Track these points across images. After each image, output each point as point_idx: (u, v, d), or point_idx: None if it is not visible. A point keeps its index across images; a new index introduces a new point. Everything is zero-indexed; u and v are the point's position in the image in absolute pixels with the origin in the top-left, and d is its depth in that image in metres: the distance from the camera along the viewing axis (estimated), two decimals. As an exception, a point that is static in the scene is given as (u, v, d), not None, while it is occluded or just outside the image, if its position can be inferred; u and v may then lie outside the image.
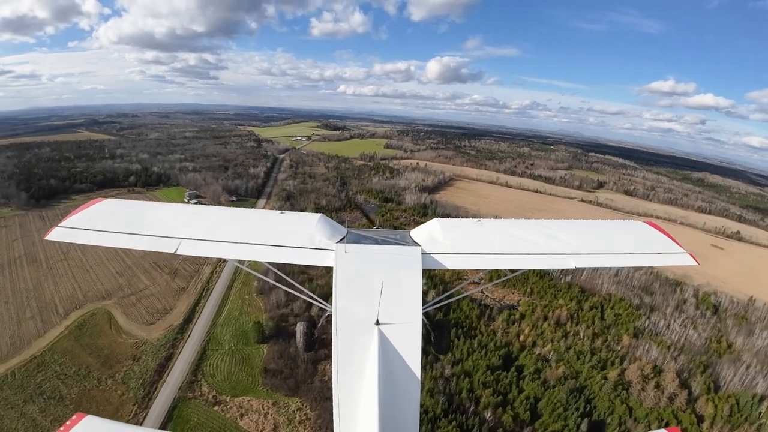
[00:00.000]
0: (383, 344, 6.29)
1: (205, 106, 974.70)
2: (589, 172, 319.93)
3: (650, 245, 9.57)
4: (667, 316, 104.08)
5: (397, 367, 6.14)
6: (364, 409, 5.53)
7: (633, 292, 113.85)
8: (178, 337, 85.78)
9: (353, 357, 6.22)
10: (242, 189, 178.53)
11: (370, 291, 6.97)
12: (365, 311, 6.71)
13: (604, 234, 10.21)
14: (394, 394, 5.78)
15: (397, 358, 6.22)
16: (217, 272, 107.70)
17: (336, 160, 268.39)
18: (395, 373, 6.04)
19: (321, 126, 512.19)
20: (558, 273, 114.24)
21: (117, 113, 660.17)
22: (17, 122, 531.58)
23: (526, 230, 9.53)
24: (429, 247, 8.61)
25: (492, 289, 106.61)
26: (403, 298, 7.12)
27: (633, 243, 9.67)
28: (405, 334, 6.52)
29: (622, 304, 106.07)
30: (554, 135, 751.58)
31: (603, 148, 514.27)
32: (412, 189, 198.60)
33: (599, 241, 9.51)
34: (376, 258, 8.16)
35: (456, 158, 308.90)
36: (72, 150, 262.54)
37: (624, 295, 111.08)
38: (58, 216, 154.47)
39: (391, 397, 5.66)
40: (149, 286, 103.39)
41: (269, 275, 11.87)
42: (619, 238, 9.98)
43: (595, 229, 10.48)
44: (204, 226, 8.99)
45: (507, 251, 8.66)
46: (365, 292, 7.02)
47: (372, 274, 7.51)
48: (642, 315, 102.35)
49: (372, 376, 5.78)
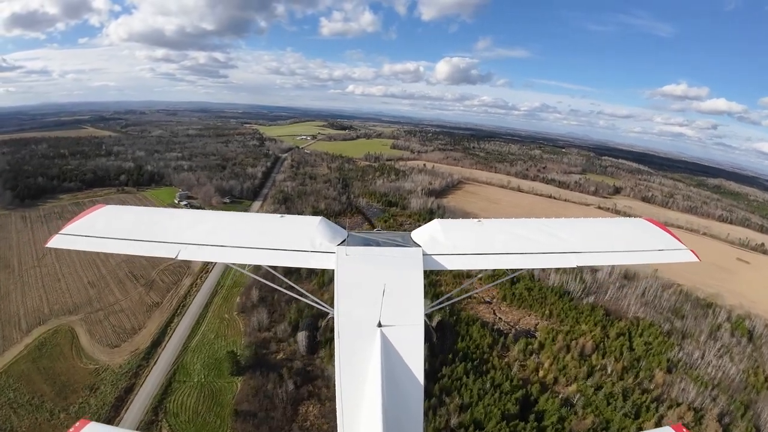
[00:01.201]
0: (386, 346, 6.23)
1: (215, 104, 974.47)
2: (604, 177, 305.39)
3: (652, 242, 9.38)
4: (701, 343, 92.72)
5: (400, 369, 6.07)
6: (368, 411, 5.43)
7: (662, 315, 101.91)
8: (143, 364, 74.83)
9: (356, 359, 6.14)
10: (237, 190, 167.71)
11: (372, 293, 6.87)
12: (367, 313, 6.63)
13: (606, 232, 10.03)
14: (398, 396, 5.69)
15: (399, 360, 6.17)
16: (197, 285, 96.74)
17: (339, 161, 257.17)
18: (398, 375, 5.97)
19: (327, 125, 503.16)
20: (578, 292, 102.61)
21: (125, 110, 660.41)
22: (25, 117, 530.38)
23: (528, 229, 9.35)
24: (430, 248, 8.47)
25: (506, 311, 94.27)
26: (405, 300, 7.01)
27: (635, 240, 9.47)
28: (407, 336, 6.45)
29: (652, 331, 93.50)
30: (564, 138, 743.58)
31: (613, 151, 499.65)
32: (418, 192, 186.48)
33: (601, 239, 9.36)
34: (378, 260, 8.05)
35: (465, 160, 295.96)
36: (69, 146, 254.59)
37: (653, 318, 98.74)
38: (41, 217, 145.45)
39: (395, 399, 5.57)
40: (120, 300, 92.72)
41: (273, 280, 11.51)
42: (621, 235, 9.78)
43: (596, 227, 10.36)
44: (204, 230, 8.80)
45: (508, 251, 8.53)
46: (367, 295, 6.93)
47: (373, 276, 7.40)
48: (674, 344, 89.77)
49: (375, 378, 5.70)
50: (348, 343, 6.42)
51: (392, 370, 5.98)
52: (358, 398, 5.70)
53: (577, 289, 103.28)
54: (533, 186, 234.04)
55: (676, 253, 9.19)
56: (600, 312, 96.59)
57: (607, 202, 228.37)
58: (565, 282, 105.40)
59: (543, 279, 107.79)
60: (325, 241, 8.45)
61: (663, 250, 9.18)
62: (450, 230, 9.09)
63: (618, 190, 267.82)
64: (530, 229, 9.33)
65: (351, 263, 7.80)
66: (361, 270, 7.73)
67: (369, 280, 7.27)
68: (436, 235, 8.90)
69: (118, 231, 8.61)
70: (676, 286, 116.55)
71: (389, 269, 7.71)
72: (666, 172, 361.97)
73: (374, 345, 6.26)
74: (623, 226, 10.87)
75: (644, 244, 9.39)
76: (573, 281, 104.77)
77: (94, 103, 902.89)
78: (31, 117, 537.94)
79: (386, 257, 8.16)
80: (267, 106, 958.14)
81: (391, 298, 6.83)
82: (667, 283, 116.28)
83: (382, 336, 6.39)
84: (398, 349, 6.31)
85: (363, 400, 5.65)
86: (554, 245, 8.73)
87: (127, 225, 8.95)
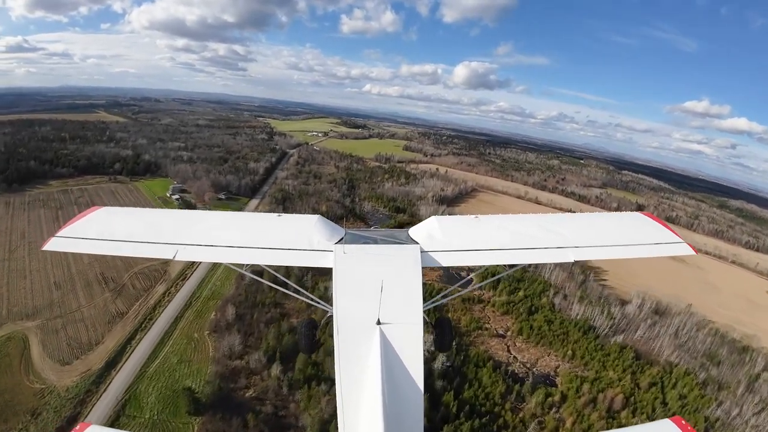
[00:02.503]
0: (385, 344, 6.21)
1: (232, 96, 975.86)
2: (625, 193, 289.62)
3: (649, 236, 9.17)
4: (738, 397, 79.87)
5: (400, 367, 6.05)
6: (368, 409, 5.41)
7: (697, 359, 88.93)
8: (92, 390, 63.95)
9: (355, 357, 6.14)
10: (234, 186, 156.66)
11: (370, 291, 6.79)
12: (366, 311, 6.58)
13: (603, 226, 10.00)
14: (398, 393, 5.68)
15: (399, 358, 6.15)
16: (170, 293, 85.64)
17: (348, 160, 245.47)
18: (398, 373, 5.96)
19: (340, 123, 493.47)
20: (605, 329, 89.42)
21: (141, 97, 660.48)
22: (42, 99, 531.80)
23: (525, 225, 9.39)
24: (427, 245, 8.30)
25: (522, 347, 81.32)
26: (403, 297, 6.94)
27: (631, 234, 9.28)
28: (407, 333, 6.42)
29: (687, 381, 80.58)
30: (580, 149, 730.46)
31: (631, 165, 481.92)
32: (428, 199, 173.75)
33: (598, 233, 9.37)
34: (375, 257, 7.90)
35: (480, 166, 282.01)
36: (72, 130, 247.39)
37: (687, 364, 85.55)
38: (24, 204, 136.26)
39: (395, 397, 5.56)
40: (83, 306, 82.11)
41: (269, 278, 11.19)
42: (618, 230, 9.65)
43: (593, 222, 10.39)
44: (201, 231, 8.64)
45: (506, 246, 8.46)
46: (365, 292, 6.85)
47: (371, 273, 7.29)
48: (712, 399, 76.90)
49: (375, 376, 5.67)
50: (347, 341, 6.28)
51: (392, 367, 5.87)
52: (358, 396, 5.60)
53: (604, 325, 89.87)
54: (551, 198, 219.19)
55: (674, 247, 8.85)
56: (629, 354, 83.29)
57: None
58: (590, 314, 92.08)
59: (565, 309, 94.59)
60: (322, 240, 8.22)
61: (660, 244, 8.83)
62: (447, 227, 8.89)
63: (641, 208, 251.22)
64: (527, 225, 9.28)
65: (349, 261, 7.61)
66: (359, 268, 7.55)
67: (367, 278, 7.12)
68: (434, 232, 8.65)
69: (115, 233, 8.40)
70: (710, 325, 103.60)
71: (387, 267, 7.55)
72: (686, 191, 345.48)
73: (373, 343, 6.16)
74: (620, 220, 10.55)
75: (641, 237, 9.04)
76: (600, 315, 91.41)
77: (113, 89, 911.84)
78: (47, 98, 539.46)
79: (384, 255, 7.96)
80: (283, 101, 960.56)
81: (389, 295, 6.70)
82: (701, 320, 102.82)
83: (381, 334, 6.28)
84: (397, 346, 6.20)
85: (363, 397, 5.55)
86: (551, 240, 8.57)
87: (124, 227, 8.69)
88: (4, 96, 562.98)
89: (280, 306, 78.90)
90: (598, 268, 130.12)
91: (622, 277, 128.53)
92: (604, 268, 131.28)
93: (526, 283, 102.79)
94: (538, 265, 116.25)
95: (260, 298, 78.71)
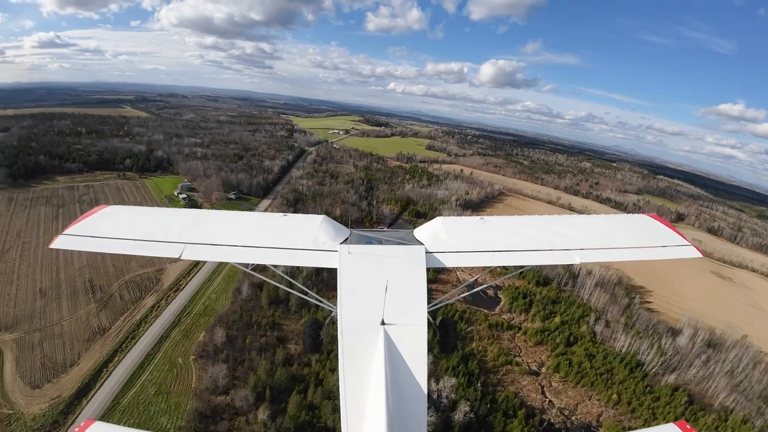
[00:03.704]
0: (389, 344, 6.13)
1: (258, 94, 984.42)
2: (663, 200, 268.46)
3: (655, 238, 8.93)
4: None
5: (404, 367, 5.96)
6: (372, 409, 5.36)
7: (753, 403, 74.70)
8: (59, 421, 55.84)
9: (359, 357, 6.04)
10: (245, 185, 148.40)
11: (375, 291, 6.75)
12: (370, 311, 6.50)
13: (608, 228, 9.67)
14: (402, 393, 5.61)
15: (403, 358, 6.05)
16: (159, 307, 77.08)
17: (368, 159, 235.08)
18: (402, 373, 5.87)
19: (363, 120, 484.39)
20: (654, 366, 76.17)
21: (169, 93, 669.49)
22: (72, 93, 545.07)
23: (530, 226, 9.17)
24: (432, 246, 8.17)
25: (558, 388, 68.83)
26: (408, 298, 6.85)
27: (637, 236, 9.01)
28: (411, 334, 6.32)
29: (744, 430, 66.54)
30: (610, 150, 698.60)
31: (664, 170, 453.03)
32: (452, 203, 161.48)
33: (603, 235, 9.06)
34: (380, 258, 7.80)
35: (507, 168, 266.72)
36: (91, 124, 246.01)
37: (744, 408, 71.98)
38: (27, 201, 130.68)
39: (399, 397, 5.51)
40: (64, 318, 74.47)
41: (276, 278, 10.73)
42: (623, 232, 9.37)
43: (598, 224, 10.09)
44: (207, 230, 8.49)
45: (511, 248, 8.27)
46: (370, 293, 6.83)
47: (376, 274, 7.23)
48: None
49: (379, 376, 5.63)
50: (351, 340, 6.19)
51: (395, 367, 5.80)
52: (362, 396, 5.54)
53: (654, 361, 76.40)
54: (586, 205, 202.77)
55: (679, 250, 8.60)
56: (682, 398, 70.01)
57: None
58: (638, 347, 78.69)
59: (608, 340, 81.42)
60: (327, 240, 8.14)
61: (666, 246, 8.62)
62: (453, 228, 8.79)
63: (681, 217, 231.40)
64: (533, 226, 9.11)
65: (354, 261, 7.53)
66: (364, 268, 7.47)
67: (372, 278, 7.09)
68: (439, 233, 8.58)
69: (122, 231, 8.25)
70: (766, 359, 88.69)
71: (392, 267, 7.43)
72: (723, 198, 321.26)
73: (377, 343, 6.09)
74: (625, 222, 10.19)
75: (646, 240, 8.81)
76: (649, 349, 77.92)
77: (143, 85, 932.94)
78: (77, 93, 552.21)
79: (389, 255, 7.82)
80: (308, 98, 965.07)
81: (394, 296, 6.61)
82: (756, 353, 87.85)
83: (385, 334, 6.20)
84: (401, 347, 6.10)
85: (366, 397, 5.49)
86: (557, 242, 8.40)
87: (131, 225, 8.55)
88: (36, 90, 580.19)
89: (277, 327, 69.12)
90: (641, 288, 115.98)
91: (668, 298, 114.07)
92: (648, 288, 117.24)
93: (562, 306, 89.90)
94: (576, 284, 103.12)
95: (256, 317, 69.10)
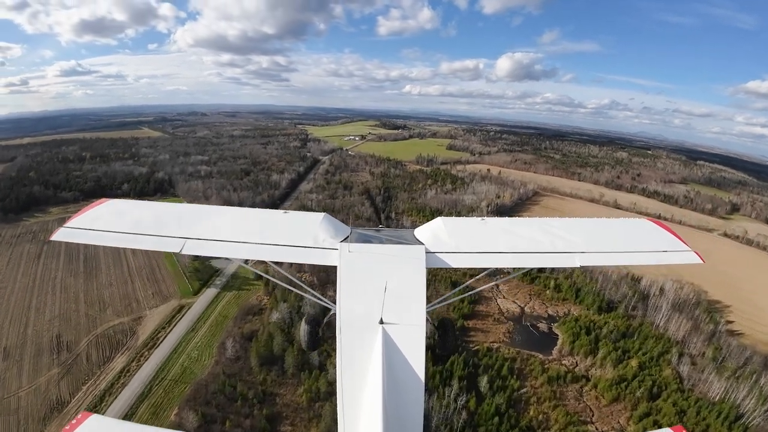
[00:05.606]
0: (387, 343, 6.10)
1: (277, 106, 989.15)
2: (713, 189, 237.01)
3: (656, 243, 8.87)
4: None
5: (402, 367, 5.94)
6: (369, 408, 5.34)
7: None
8: None
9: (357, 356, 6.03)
10: (248, 204, 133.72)
11: (374, 290, 6.76)
12: (369, 310, 6.49)
13: (610, 232, 9.54)
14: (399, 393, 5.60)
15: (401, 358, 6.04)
16: (129, 371, 61.63)
17: (386, 165, 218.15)
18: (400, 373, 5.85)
19: (379, 125, 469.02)
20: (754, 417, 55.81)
21: (188, 112, 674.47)
22: (93, 118, 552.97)
23: (531, 229, 9.06)
24: (433, 246, 8.08)
25: None
26: (407, 297, 6.82)
27: (639, 241, 8.97)
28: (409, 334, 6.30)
29: None
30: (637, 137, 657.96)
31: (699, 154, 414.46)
32: (482, 209, 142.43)
33: (605, 239, 8.93)
34: (380, 257, 7.74)
35: (537, 164, 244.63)
36: (99, 149, 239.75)
37: None
38: (13, 238, 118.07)
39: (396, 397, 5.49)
40: (21, 388, 60.48)
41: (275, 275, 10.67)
42: (625, 236, 9.32)
43: (600, 228, 9.86)
44: (209, 226, 8.46)
45: (512, 250, 8.20)
46: (369, 291, 6.80)
47: (376, 273, 7.21)
48: None
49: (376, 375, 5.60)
50: (349, 339, 6.19)
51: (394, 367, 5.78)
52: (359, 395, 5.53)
53: (758, 410, 55.85)
54: (633, 200, 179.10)
55: (680, 255, 8.57)
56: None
57: (731, 224, 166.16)
58: (733, 392, 58.16)
59: (697, 383, 61.06)
60: (328, 238, 8.03)
61: (667, 251, 8.59)
62: (453, 228, 8.66)
63: (735, 208, 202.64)
64: (534, 229, 9.00)
65: (353, 260, 7.48)
66: (364, 267, 7.41)
67: (371, 277, 7.08)
68: (440, 233, 8.46)
69: (123, 225, 8.20)
70: None
71: (392, 266, 7.41)
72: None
73: (375, 342, 6.05)
74: (627, 226, 10.12)
75: (648, 244, 8.80)
76: (749, 395, 57.24)
77: (166, 106, 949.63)
78: (99, 118, 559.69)
79: (389, 254, 7.76)
80: (325, 107, 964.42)
81: (393, 295, 6.65)
82: None
83: (383, 333, 6.18)
84: (400, 346, 6.08)
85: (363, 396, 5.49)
86: (557, 245, 8.34)
87: (132, 219, 8.44)
88: (60, 117, 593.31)
89: (269, 400, 52.50)
90: (718, 303, 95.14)
91: (750, 314, 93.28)
92: (725, 303, 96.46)
93: (636, 340, 69.96)
94: (648, 307, 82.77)
95: (241, 388, 52.68)
